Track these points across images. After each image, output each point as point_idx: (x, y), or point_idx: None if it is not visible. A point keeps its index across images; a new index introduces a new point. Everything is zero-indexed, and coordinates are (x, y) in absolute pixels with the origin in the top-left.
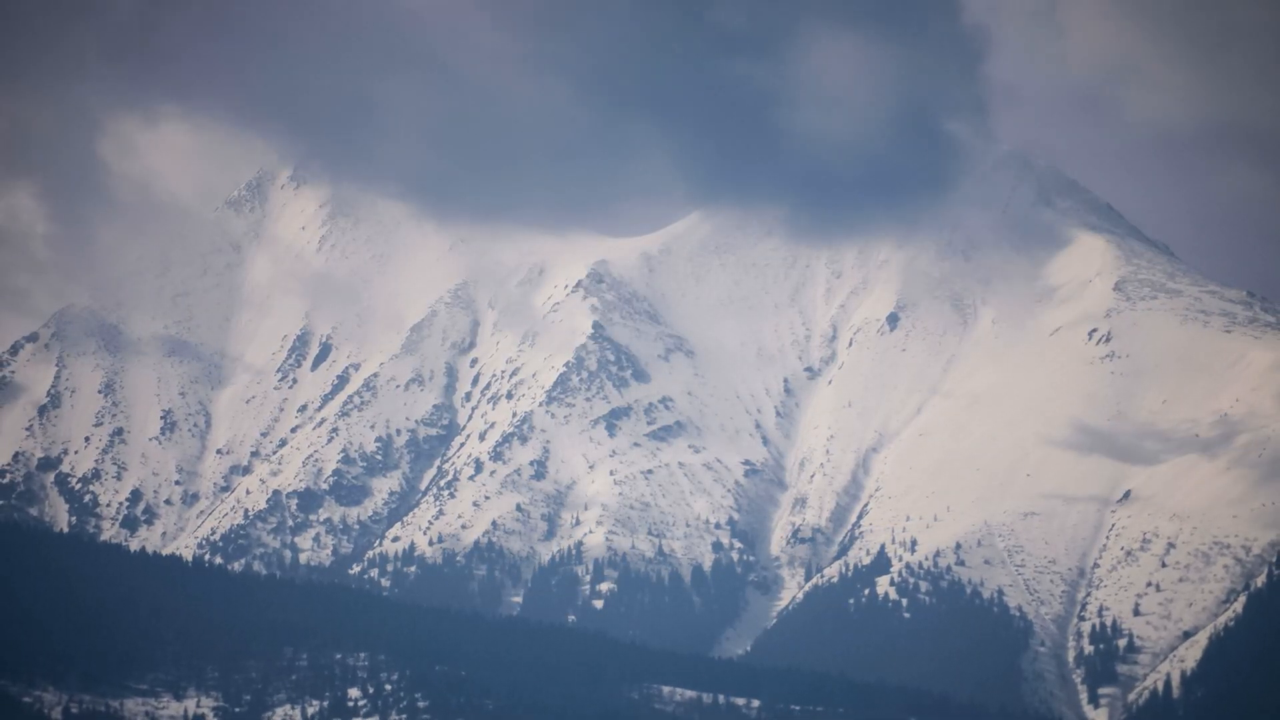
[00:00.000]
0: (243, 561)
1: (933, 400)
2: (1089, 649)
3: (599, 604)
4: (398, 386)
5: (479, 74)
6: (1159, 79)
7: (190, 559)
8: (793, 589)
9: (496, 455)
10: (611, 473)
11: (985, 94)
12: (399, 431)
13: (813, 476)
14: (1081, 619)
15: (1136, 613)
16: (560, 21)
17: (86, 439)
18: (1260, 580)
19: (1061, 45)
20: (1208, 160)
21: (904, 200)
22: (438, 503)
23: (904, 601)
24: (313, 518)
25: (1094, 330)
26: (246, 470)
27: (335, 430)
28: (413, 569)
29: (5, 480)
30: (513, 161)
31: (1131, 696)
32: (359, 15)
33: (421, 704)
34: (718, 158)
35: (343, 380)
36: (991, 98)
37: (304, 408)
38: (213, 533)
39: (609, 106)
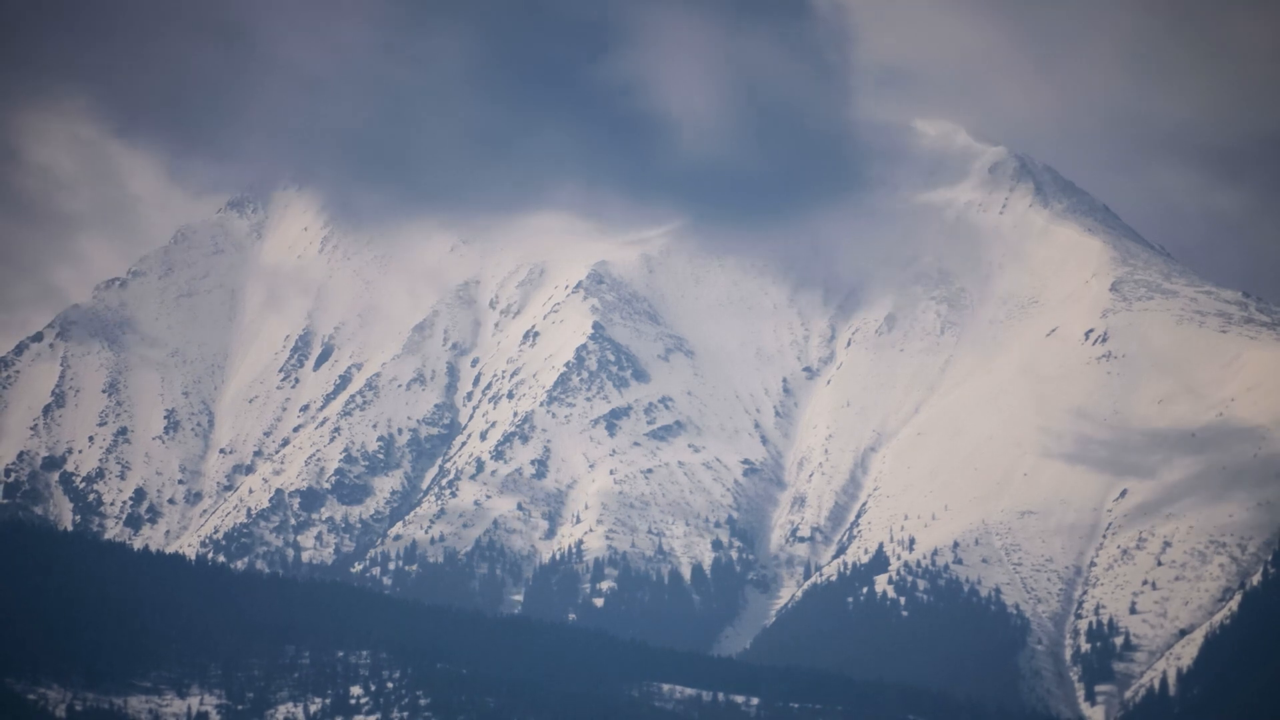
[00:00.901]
0: (245, 560)
1: (930, 400)
2: (1086, 647)
3: (599, 602)
4: (399, 386)
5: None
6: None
7: (193, 558)
8: (791, 587)
9: (498, 454)
10: (611, 472)
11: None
12: (401, 431)
13: (811, 476)
14: (1078, 617)
15: (1133, 611)
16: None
17: (90, 438)
18: (1256, 579)
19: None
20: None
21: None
22: (439, 501)
23: (902, 600)
24: (315, 516)
25: (1090, 330)
26: (249, 469)
27: (337, 429)
28: (414, 567)
29: (10, 479)
30: (512, 162)
31: (1128, 694)
32: (357, 24)
33: (423, 701)
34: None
35: (345, 380)
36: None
37: (306, 407)
38: (216, 531)
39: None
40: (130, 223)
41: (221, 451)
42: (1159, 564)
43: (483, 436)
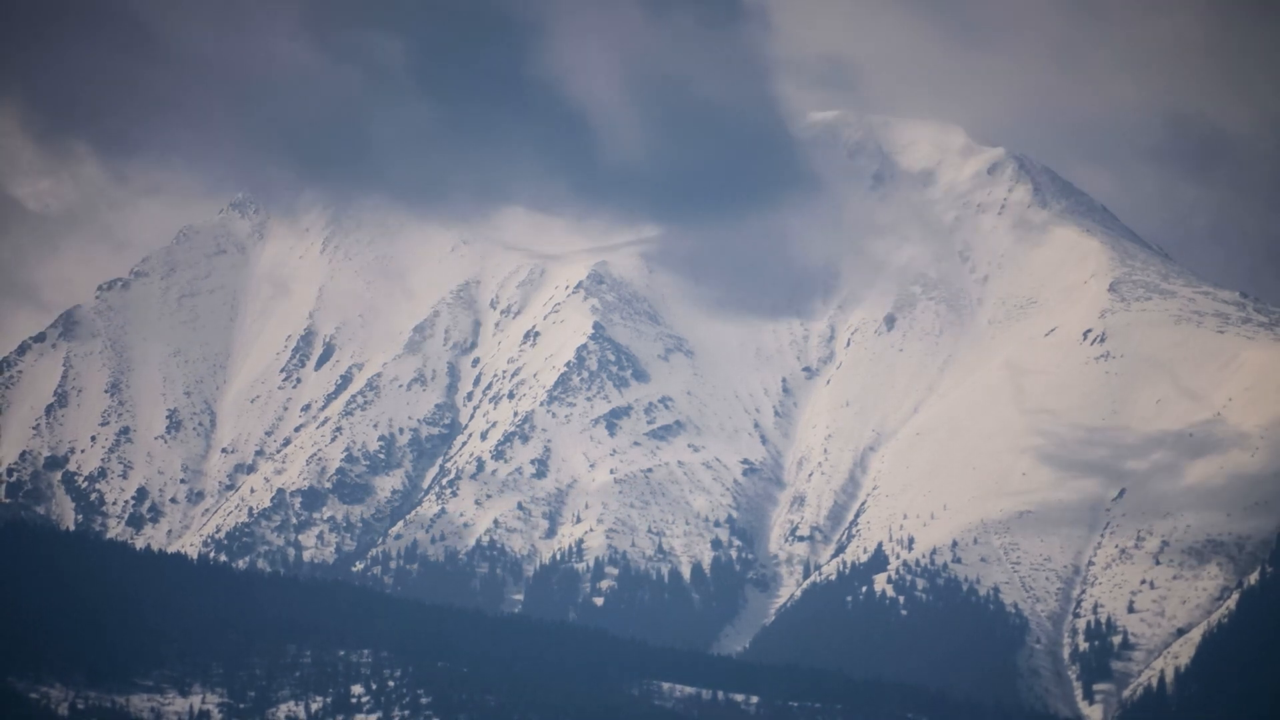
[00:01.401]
0: (247, 559)
1: (930, 400)
2: (1084, 646)
3: (599, 601)
4: (400, 386)
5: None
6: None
7: (195, 557)
8: (791, 586)
9: (498, 454)
10: (612, 471)
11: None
12: (402, 430)
13: (811, 475)
14: (1076, 616)
15: (1131, 610)
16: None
17: (93, 438)
18: (1253, 578)
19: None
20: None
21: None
22: (440, 501)
23: (901, 599)
24: (316, 516)
25: (1089, 331)
26: (251, 469)
27: (339, 429)
28: (415, 567)
29: (12, 479)
30: (513, 162)
31: (1126, 693)
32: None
33: (424, 700)
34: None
35: (346, 380)
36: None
37: (308, 407)
38: (218, 530)
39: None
40: (110, 228)
41: (223, 451)
42: (1157, 563)
43: (483, 436)
